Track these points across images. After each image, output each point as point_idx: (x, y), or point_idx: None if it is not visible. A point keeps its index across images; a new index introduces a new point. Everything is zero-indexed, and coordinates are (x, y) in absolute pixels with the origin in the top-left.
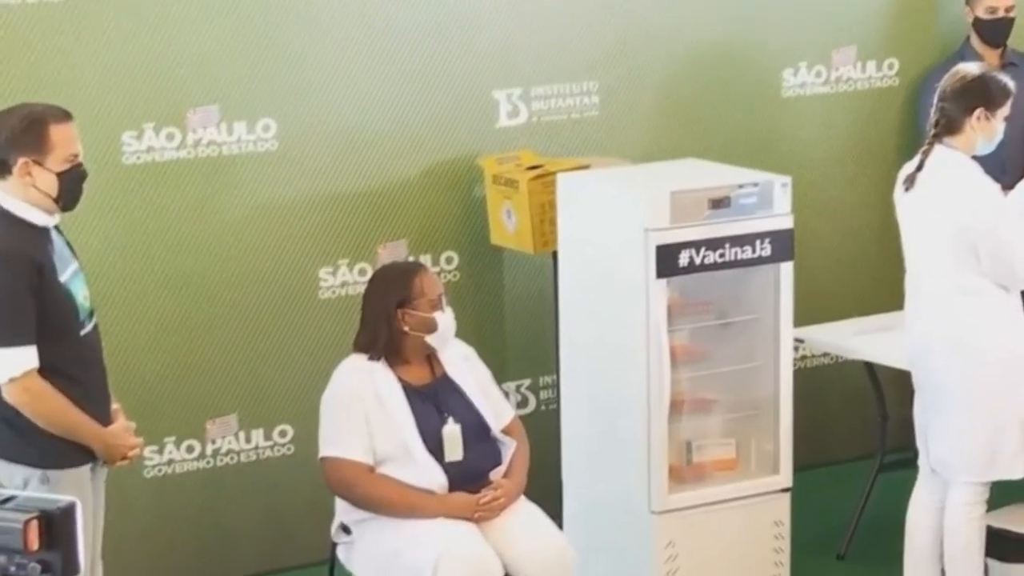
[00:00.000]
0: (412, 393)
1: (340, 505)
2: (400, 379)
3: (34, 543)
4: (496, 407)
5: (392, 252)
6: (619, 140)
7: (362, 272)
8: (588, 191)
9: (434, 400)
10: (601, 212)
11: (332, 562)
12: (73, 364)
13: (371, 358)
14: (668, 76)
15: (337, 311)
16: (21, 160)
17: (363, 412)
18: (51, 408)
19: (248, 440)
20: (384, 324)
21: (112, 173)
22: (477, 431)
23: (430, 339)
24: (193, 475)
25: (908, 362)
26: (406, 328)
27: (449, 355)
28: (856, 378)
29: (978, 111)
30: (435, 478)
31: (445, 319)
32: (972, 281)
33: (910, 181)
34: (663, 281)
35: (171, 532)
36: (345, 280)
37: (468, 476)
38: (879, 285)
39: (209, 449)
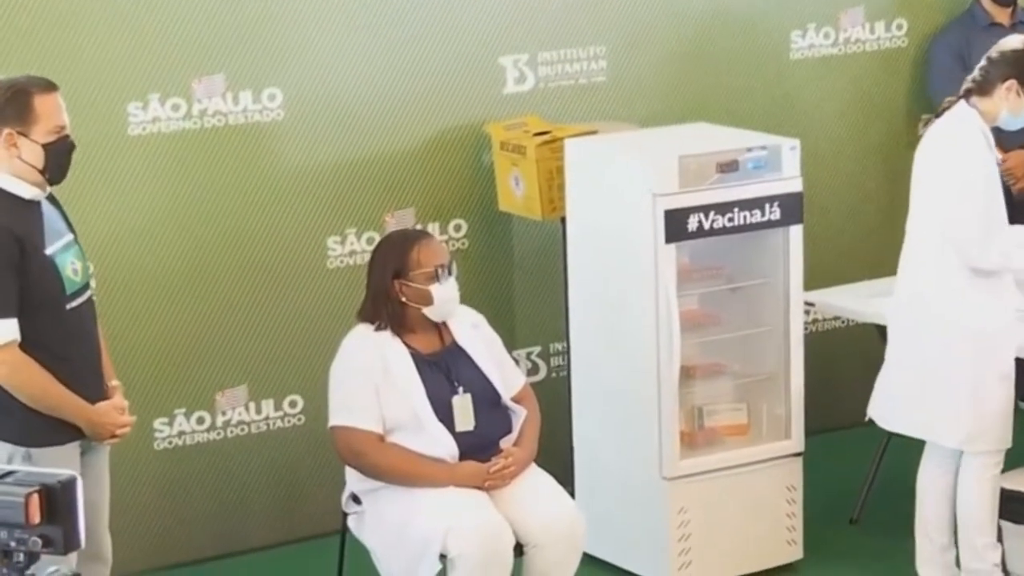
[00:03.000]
0: (421, 361)
1: (351, 475)
2: (409, 347)
3: (35, 517)
4: (507, 374)
5: (400, 220)
6: (626, 105)
7: (370, 241)
8: (596, 157)
9: (444, 369)
10: (609, 177)
11: (343, 532)
12: (59, 339)
13: (378, 328)
14: (675, 40)
15: (346, 280)
16: (5, 131)
17: (372, 382)
18: (32, 382)
19: (258, 411)
20: (384, 294)
21: (118, 144)
22: (488, 399)
23: (427, 311)
24: (203, 447)
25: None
26: (403, 299)
27: (458, 323)
28: (867, 341)
29: (1010, 82)
30: (446, 446)
31: (443, 291)
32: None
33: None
34: (672, 246)
35: (181, 504)
36: (353, 249)
37: (479, 445)
38: (890, 248)
39: (219, 420)
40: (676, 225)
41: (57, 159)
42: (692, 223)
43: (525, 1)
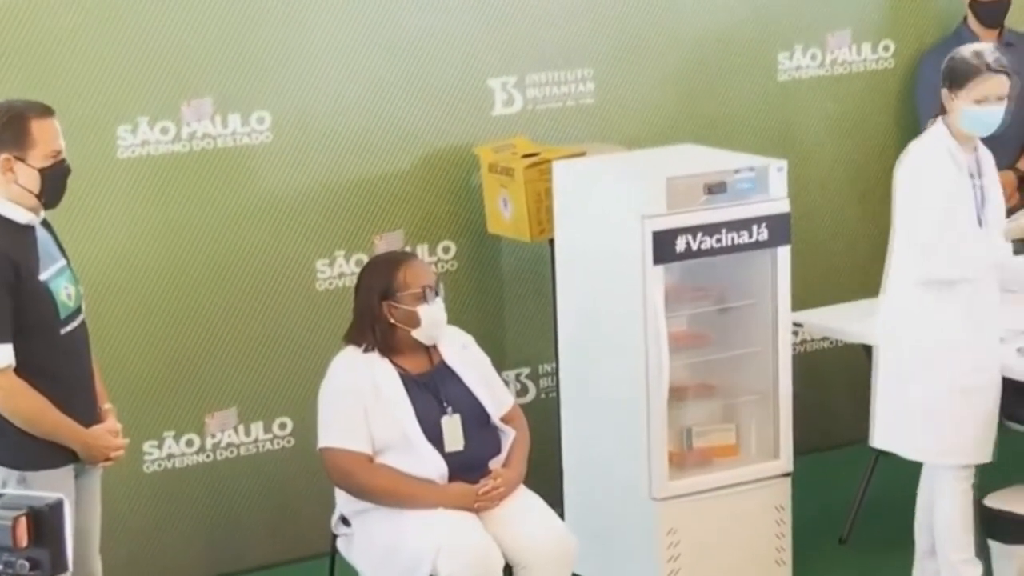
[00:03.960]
0: (410, 382)
1: (340, 496)
2: (398, 367)
3: (23, 540)
4: (496, 395)
5: (389, 243)
6: (615, 127)
7: (359, 263)
8: (584, 178)
9: (433, 389)
10: (597, 199)
11: (333, 554)
12: (53, 362)
13: (365, 350)
14: (663, 61)
15: (335, 302)
16: (3, 156)
17: (361, 403)
18: (27, 406)
19: (248, 433)
20: (371, 317)
21: (107, 167)
22: (477, 420)
23: (415, 333)
24: (193, 469)
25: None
26: (392, 320)
27: (447, 344)
28: (855, 361)
29: (944, 90)
30: (435, 466)
31: (430, 312)
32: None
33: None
34: (660, 267)
35: (171, 526)
36: (342, 271)
37: (468, 465)
38: (877, 268)
39: (209, 443)
40: (664, 246)
41: (53, 184)
42: (680, 244)
43: (513, 23)
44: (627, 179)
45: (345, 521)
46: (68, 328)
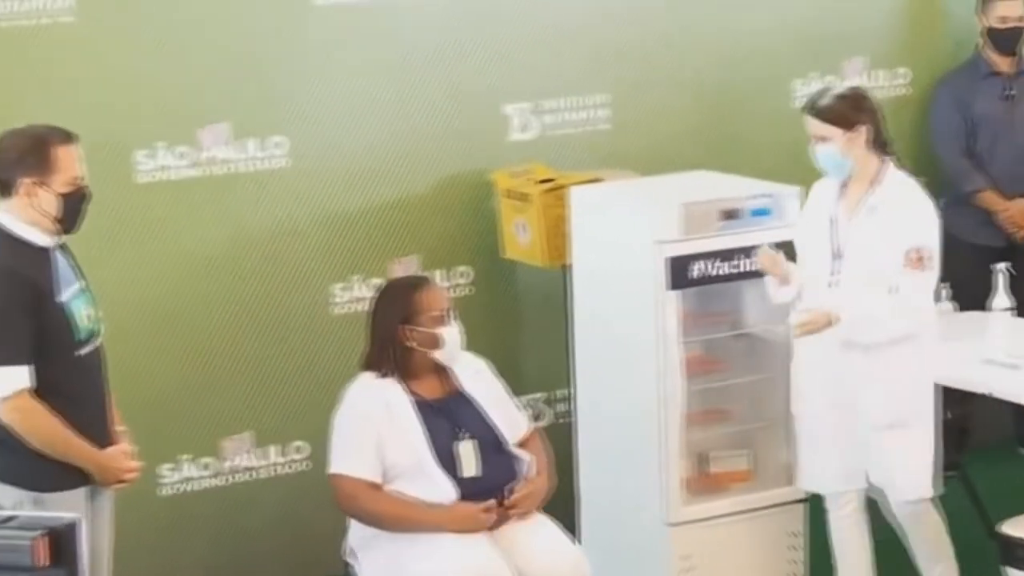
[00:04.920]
0: (425, 408)
1: (351, 526)
2: (413, 394)
3: (43, 559)
4: (511, 419)
5: (405, 267)
6: (630, 153)
7: (375, 288)
8: (600, 204)
9: (448, 415)
10: (613, 225)
11: None
12: (70, 385)
13: (382, 375)
14: (678, 88)
15: (350, 327)
16: (25, 181)
17: (373, 430)
18: (43, 428)
19: (264, 457)
20: (390, 341)
21: (125, 192)
22: (492, 445)
23: (437, 355)
24: (209, 492)
25: None
26: (412, 344)
27: (461, 369)
28: None
29: None
30: (445, 492)
31: (451, 333)
32: None
33: None
34: (675, 293)
35: (186, 549)
36: (358, 296)
37: (484, 491)
38: None
39: (225, 466)
40: (679, 272)
41: (73, 209)
42: (695, 270)
43: (529, 50)
44: (643, 205)
45: (353, 553)
46: (85, 350)
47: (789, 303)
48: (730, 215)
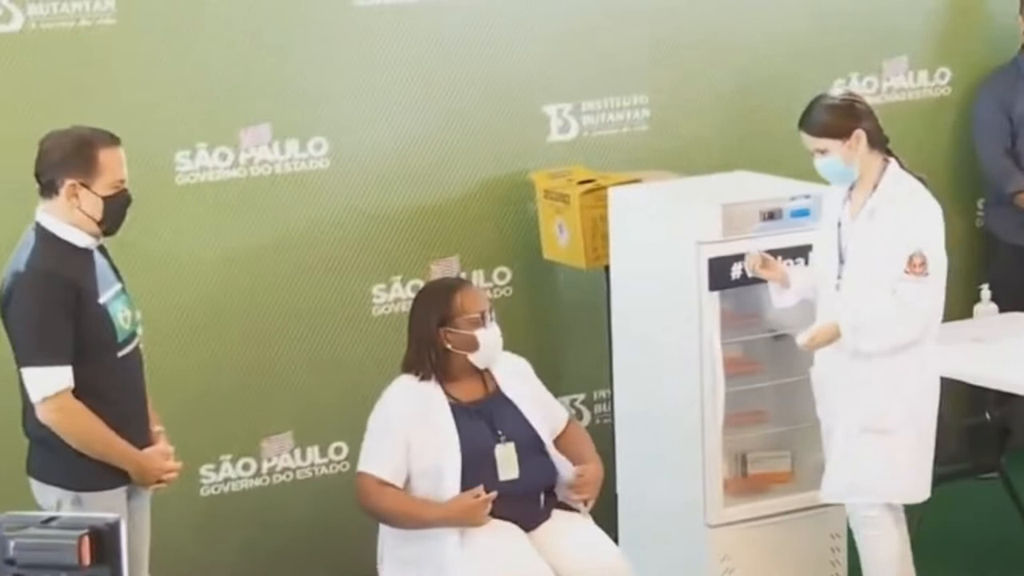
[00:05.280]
0: (462, 411)
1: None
2: (451, 396)
3: (87, 558)
4: (550, 414)
5: (444, 268)
6: (670, 153)
7: (414, 289)
8: (640, 205)
9: (487, 417)
10: (653, 226)
11: None
12: (110, 385)
13: (421, 378)
14: (718, 88)
15: (390, 328)
16: (69, 182)
17: (402, 433)
18: (84, 428)
19: (304, 457)
20: (428, 344)
21: (165, 193)
22: (531, 447)
23: (473, 357)
24: (249, 493)
25: None
26: (449, 346)
27: (502, 370)
28: None
29: None
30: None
31: (488, 336)
32: None
33: None
34: (715, 294)
35: (227, 549)
36: (398, 297)
37: (523, 494)
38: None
39: (265, 467)
40: (720, 273)
41: (115, 212)
42: (735, 271)
43: (569, 51)
44: (683, 206)
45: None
46: (124, 352)
47: (791, 308)
48: (770, 216)
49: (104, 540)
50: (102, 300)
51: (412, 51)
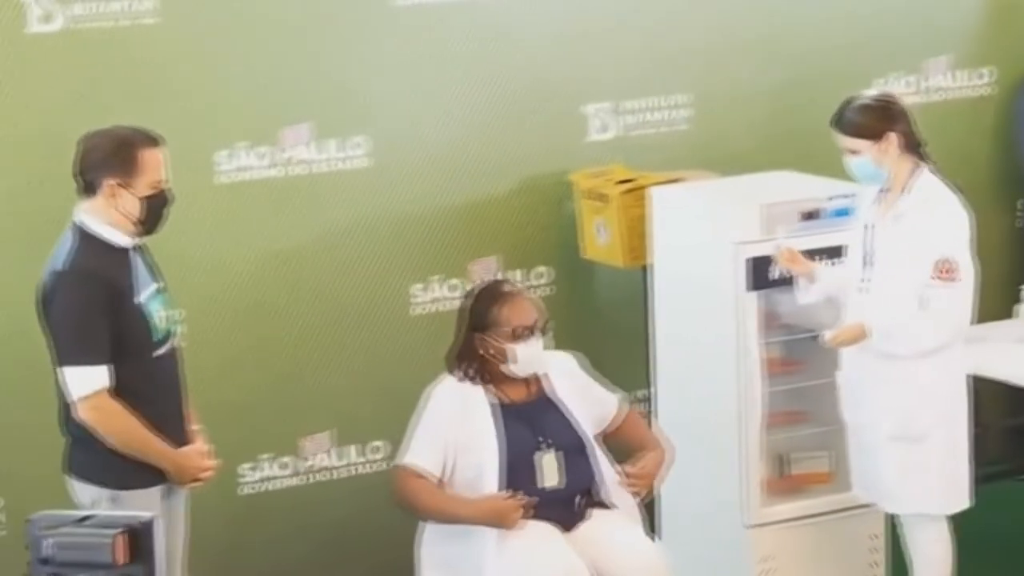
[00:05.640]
0: (506, 412)
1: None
2: (494, 397)
3: (122, 557)
4: (600, 411)
5: (483, 268)
6: (710, 153)
7: (453, 288)
8: (679, 204)
9: (531, 422)
10: (692, 225)
11: None
12: (147, 384)
13: (461, 378)
14: (758, 88)
15: (429, 327)
16: (108, 182)
17: (447, 434)
18: (121, 427)
19: (342, 456)
20: (468, 347)
21: (205, 192)
22: (574, 452)
23: (507, 368)
24: (288, 492)
25: None
26: (482, 352)
27: (552, 372)
28: None
29: None
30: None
31: (525, 351)
32: None
33: None
34: (754, 294)
35: (266, 548)
36: (437, 296)
37: (564, 500)
38: (974, 295)
39: (304, 466)
40: (759, 273)
41: (154, 212)
42: (775, 271)
43: (608, 50)
44: (722, 205)
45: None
46: (161, 351)
47: (814, 304)
48: (810, 215)
49: (139, 539)
50: (139, 299)
51: (452, 50)
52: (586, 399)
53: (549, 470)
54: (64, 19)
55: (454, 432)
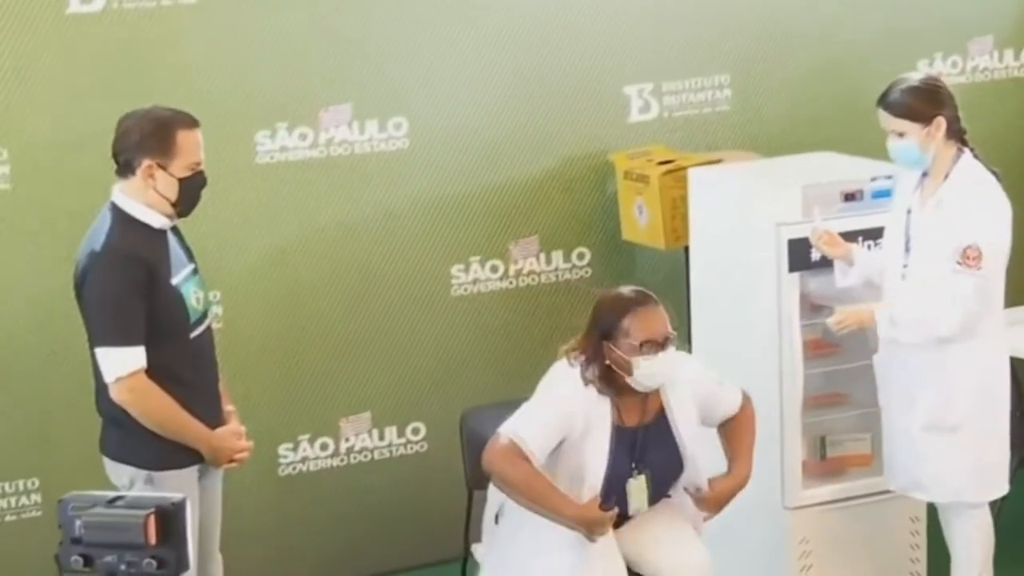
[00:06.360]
0: (620, 434)
1: (486, 513)
2: (616, 417)
3: (153, 538)
4: (720, 410)
5: (524, 249)
6: (751, 134)
7: (493, 269)
8: (720, 186)
9: (633, 446)
10: (733, 207)
11: (465, 561)
12: (182, 366)
13: (586, 381)
14: (800, 68)
15: (469, 308)
16: (146, 162)
17: (564, 429)
18: (157, 408)
19: (381, 437)
20: (592, 351)
21: (246, 173)
22: (667, 473)
23: (629, 380)
24: (327, 472)
25: None
26: (607, 362)
27: (676, 392)
28: None
29: None
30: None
31: (648, 366)
32: None
33: None
34: (795, 275)
35: (305, 529)
36: (477, 277)
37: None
38: (1013, 277)
39: (343, 447)
40: (799, 254)
41: (190, 194)
42: (816, 252)
43: (650, 31)
44: (763, 187)
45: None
46: (196, 332)
47: (853, 286)
48: (851, 197)
49: (170, 520)
50: (175, 281)
51: (492, 31)
52: (706, 404)
53: (637, 495)
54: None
55: (570, 431)
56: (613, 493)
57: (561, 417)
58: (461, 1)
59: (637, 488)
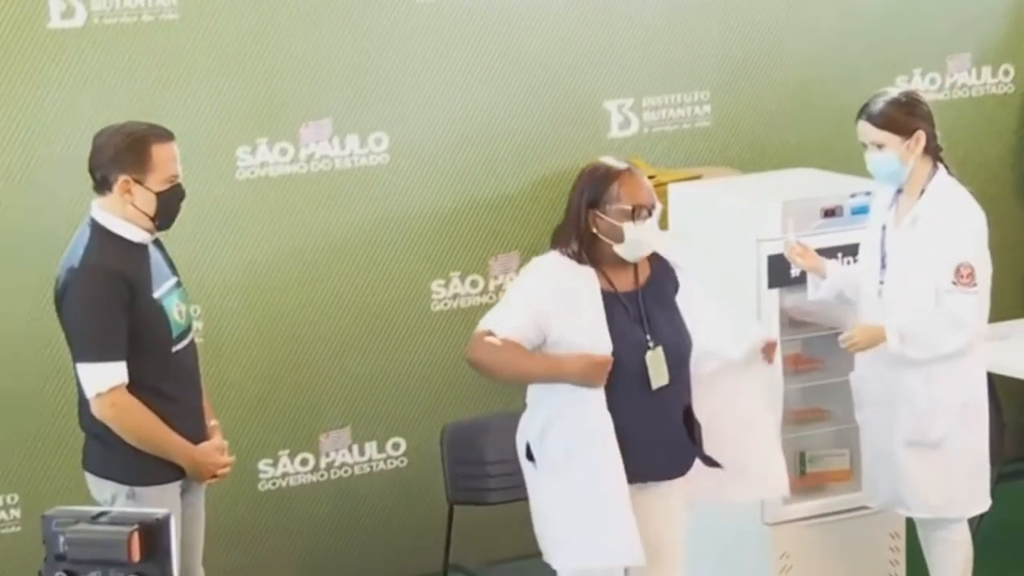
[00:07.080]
0: (614, 300)
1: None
2: (605, 282)
3: (136, 554)
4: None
5: (504, 264)
6: (731, 150)
7: (474, 284)
8: (700, 201)
9: (636, 314)
10: (713, 222)
11: (444, 572)
12: (164, 380)
13: (569, 255)
14: (779, 85)
15: (450, 323)
16: (122, 178)
17: (544, 310)
18: (138, 423)
19: (361, 453)
20: (576, 223)
21: (226, 188)
22: (679, 356)
23: (618, 249)
24: (307, 488)
25: None
26: (594, 231)
27: (673, 258)
28: None
29: None
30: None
31: (636, 232)
32: None
33: None
34: (775, 291)
35: (284, 544)
36: (457, 292)
37: (671, 401)
38: (995, 293)
39: (323, 462)
40: (779, 270)
41: (168, 207)
42: (795, 268)
43: (630, 46)
44: (743, 203)
45: (530, 456)
46: (179, 346)
47: (826, 300)
48: (831, 213)
49: (154, 536)
50: (157, 295)
51: (473, 46)
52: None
53: (656, 367)
54: (86, 14)
55: (555, 310)
56: (630, 367)
57: (533, 293)
58: (442, 18)
59: (656, 360)
